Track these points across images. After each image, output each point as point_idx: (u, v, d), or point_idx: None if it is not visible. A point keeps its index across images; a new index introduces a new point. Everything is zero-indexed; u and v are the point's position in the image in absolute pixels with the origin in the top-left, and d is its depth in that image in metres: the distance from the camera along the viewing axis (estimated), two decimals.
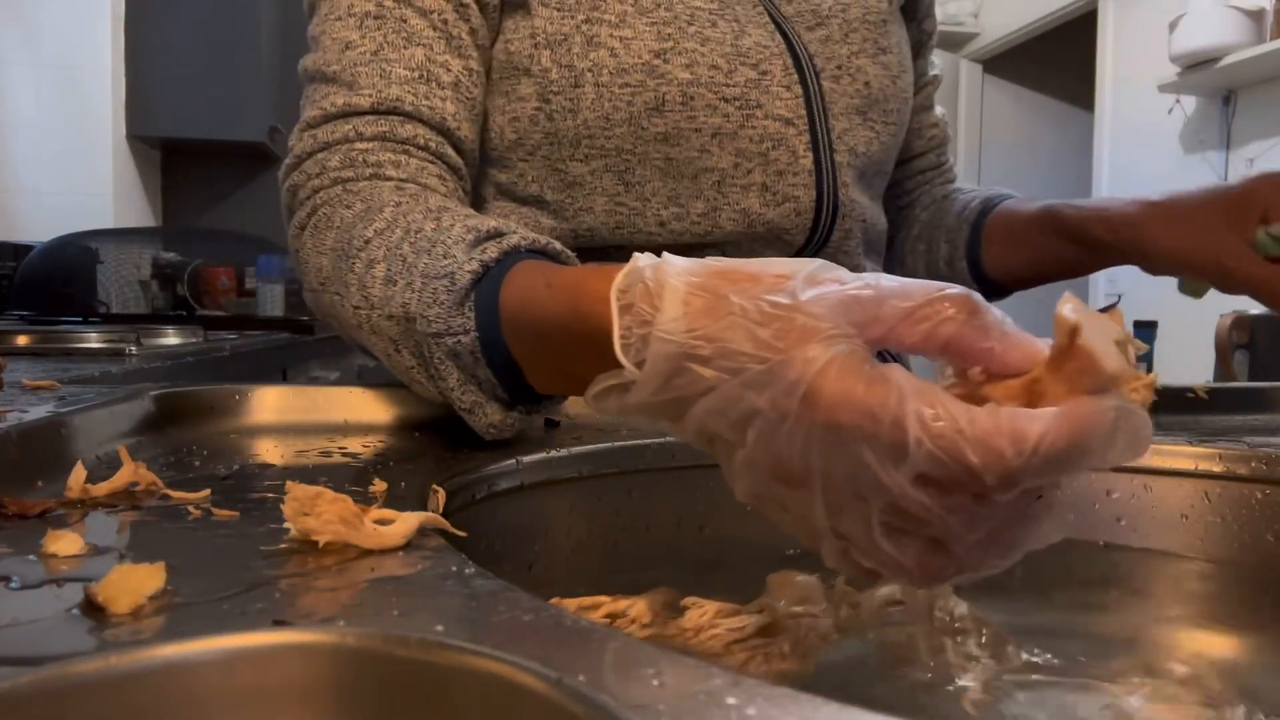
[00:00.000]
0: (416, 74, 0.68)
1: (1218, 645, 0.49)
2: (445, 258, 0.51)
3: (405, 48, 0.68)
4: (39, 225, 2.81)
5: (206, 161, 3.42)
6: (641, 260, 0.36)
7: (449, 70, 0.70)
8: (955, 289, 0.31)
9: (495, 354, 0.49)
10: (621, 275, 0.36)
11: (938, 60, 1.00)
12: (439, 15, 0.70)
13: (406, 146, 0.67)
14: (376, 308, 0.54)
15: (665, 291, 0.34)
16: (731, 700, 0.21)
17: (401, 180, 0.66)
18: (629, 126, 0.72)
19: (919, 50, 0.94)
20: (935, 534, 0.31)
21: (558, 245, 0.52)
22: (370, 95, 0.67)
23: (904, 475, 0.29)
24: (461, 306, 0.49)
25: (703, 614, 0.41)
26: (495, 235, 0.52)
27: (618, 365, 0.35)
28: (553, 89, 0.72)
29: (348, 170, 0.66)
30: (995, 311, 0.32)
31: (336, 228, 0.61)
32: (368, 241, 0.57)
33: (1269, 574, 0.54)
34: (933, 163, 0.99)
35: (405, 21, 0.69)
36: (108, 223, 3.00)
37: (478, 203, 0.79)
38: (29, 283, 2.25)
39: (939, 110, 1.00)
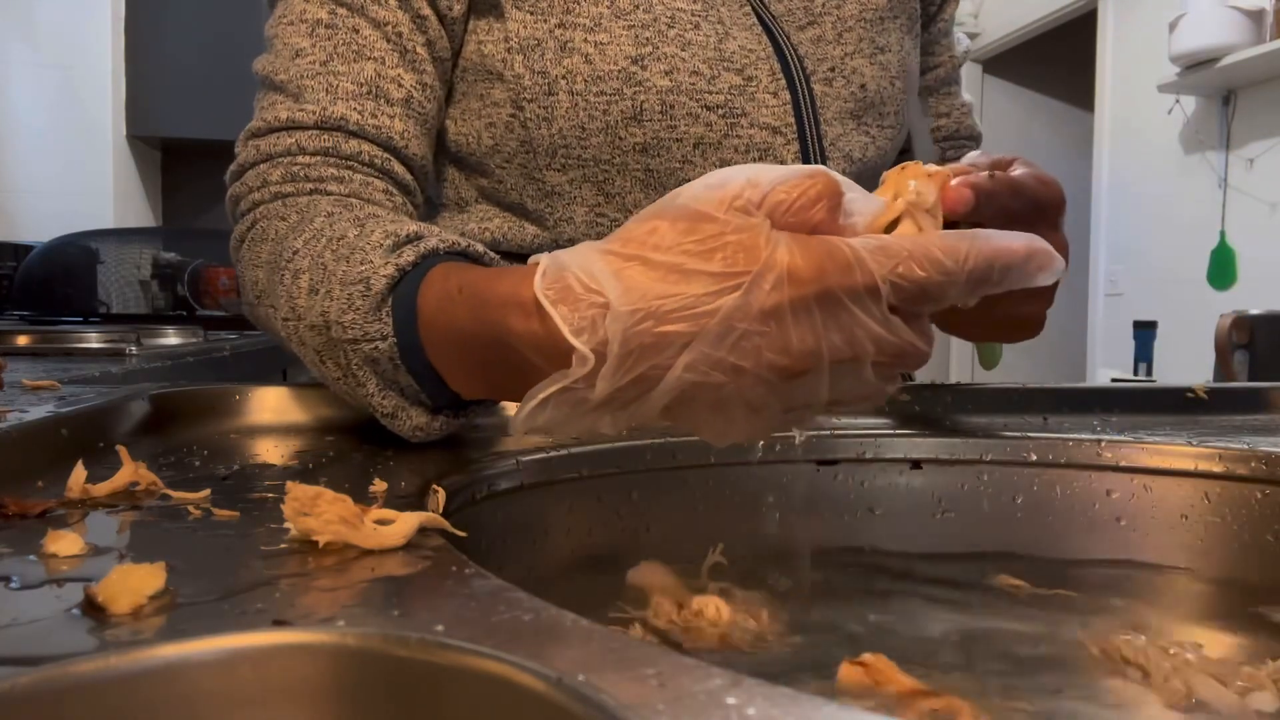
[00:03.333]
0: (365, 89, 0.66)
1: (1217, 646, 0.49)
2: (363, 264, 0.50)
3: (355, 61, 0.66)
4: (39, 225, 2.81)
5: (206, 161, 3.42)
6: (545, 258, 0.38)
7: (400, 85, 0.67)
8: (818, 173, 0.36)
9: (414, 359, 0.48)
10: (540, 274, 0.38)
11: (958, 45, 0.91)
12: (394, 27, 0.67)
13: (350, 163, 0.66)
14: (302, 319, 0.53)
15: (597, 274, 0.36)
16: (731, 700, 0.21)
17: (343, 195, 0.64)
18: (606, 136, 0.69)
19: (936, 37, 0.88)
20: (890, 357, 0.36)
21: (480, 247, 0.52)
22: (315, 111, 0.65)
23: (882, 310, 0.35)
24: (378, 312, 0.49)
25: (721, 610, 0.42)
26: (413, 239, 0.51)
27: (535, 372, 0.37)
28: (526, 96, 0.69)
29: (289, 185, 0.65)
30: (851, 189, 0.38)
31: (270, 240, 0.60)
32: (295, 252, 0.55)
33: (1269, 574, 0.54)
34: (934, 156, 0.91)
35: (358, 32, 0.67)
36: (108, 223, 3.00)
37: (461, 206, 0.77)
38: (29, 283, 2.25)
39: (956, 100, 0.92)
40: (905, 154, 0.91)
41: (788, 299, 0.34)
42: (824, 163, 0.74)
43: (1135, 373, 2.99)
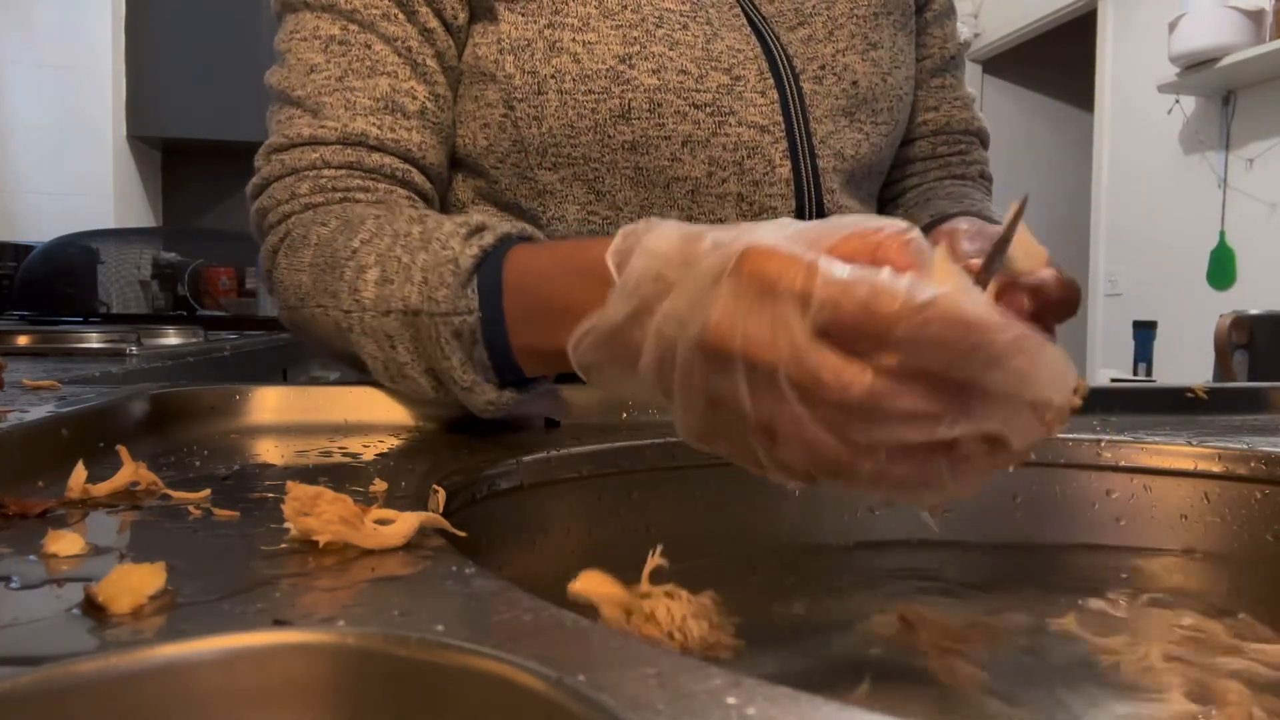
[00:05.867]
0: (381, 104, 0.68)
1: (1217, 646, 0.49)
2: (444, 249, 0.54)
3: (370, 76, 0.68)
4: (39, 225, 2.81)
5: (206, 161, 3.43)
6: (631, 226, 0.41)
7: (415, 98, 0.69)
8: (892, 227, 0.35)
9: (493, 332, 0.53)
10: (620, 235, 0.40)
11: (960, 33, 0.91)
12: (403, 42, 0.69)
13: (374, 175, 0.68)
14: (369, 309, 0.57)
15: (656, 227, 0.38)
16: (731, 700, 0.21)
17: (372, 203, 0.67)
18: (595, 135, 0.70)
19: (923, 26, 0.87)
20: (833, 409, 0.33)
21: (542, 235, 0.57)
22: (336, 128, 0.67)
23: (808, 323, 0.32)
24: (465, 288, 0.53)
25: (673, 610, 0.41)
26: (485, 226, 0.56)
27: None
28: (516, 96, 0.70)
29: (318, 196, 0.67)
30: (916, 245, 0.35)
31: (313, 245, 0.62)
32: (355, 251, 0.59)
33: (1269, 574, 0.54)
34: (925, 152, 0.90)
35: (370, 48, 0.68)
36: (108, 223, 3.00)
37: (459, 207, 0.78)
38: (29, 283, 2.25)
39: (949, 93, 0.90)
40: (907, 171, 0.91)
41: (728, 271, 0.34)
42: (813, 160, 0.75)
43: (1135, 373, 2.99)
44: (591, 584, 0.40)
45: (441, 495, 0.41)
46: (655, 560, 0.43)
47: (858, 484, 0.34)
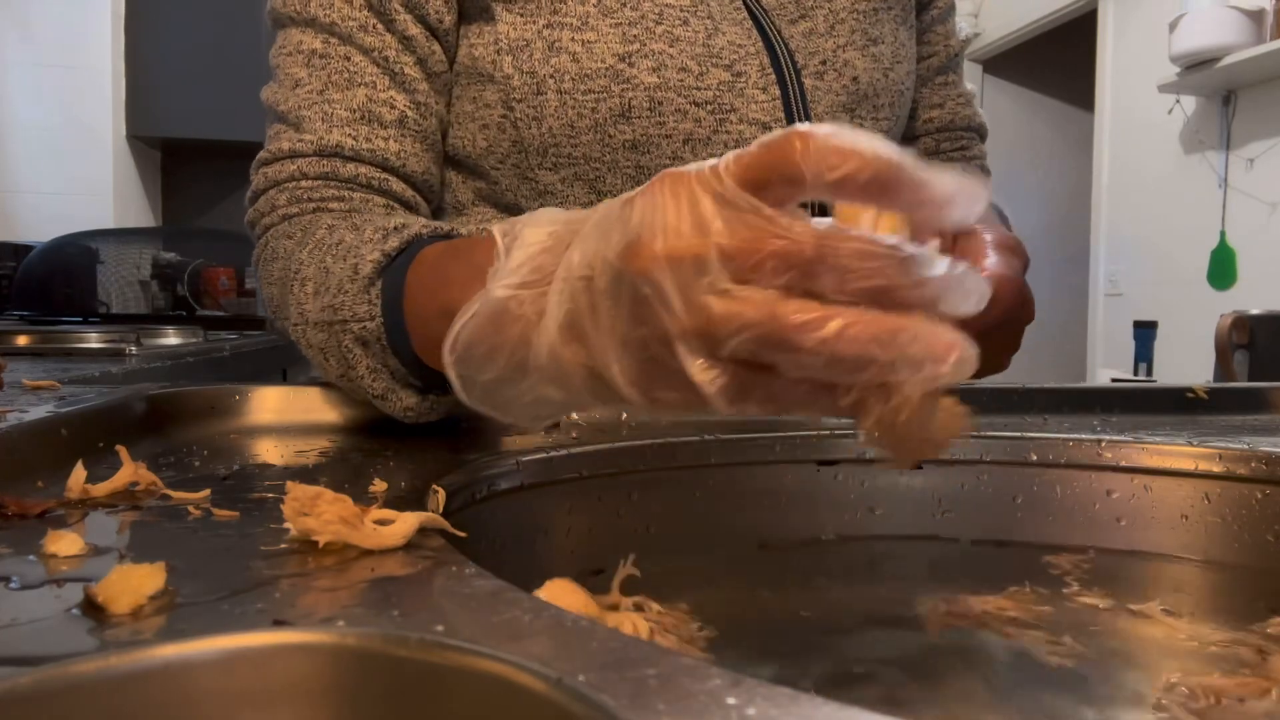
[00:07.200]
0: (358, 115, 0.69)
1: (1219, 648, 0.49)
2: (354, 257, 0.55)
3: (348, 88, 0.69)
4: (39, 225, 2.81)
5: (206, 161, 3.42)
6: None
7: (393, 107, 0.70)
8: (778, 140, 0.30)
9: (400, 339, 0.52)
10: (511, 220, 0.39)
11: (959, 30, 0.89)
12: (380, 52, 0.69)
13: (349, 184, 0.69)
14: (309, 321, 0.57)
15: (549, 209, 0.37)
16: (731, 700, 0.21)
17: (344, 210, 0.67)
18: (595, 134, 0.70)
19: (929, 25, 0.87)
20: (778, 263, 0.29)
21: (463, 231, 0.56)
22: (313, 140, 0.68)
23: (729, 183, 0.29)
24: (366, 293, 0.53)
25: (638, 625, 0.41)
26: (400, 228, 0.55)
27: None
28: (515, 96, 0.70)
29: (294, 207, 0.68)
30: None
31: (280, 258, 0.63)
32: (301, 263, 0.60)
33: (1269, 574, 0.54)
34: (929, 148, 0.90)
35: (349, 60, 0.69)
36: (108, 223, 3.00)
37: (459, 209, 0.78)
38: (29, 283, 2.25)
39: (952, 90, 0.90)
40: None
41: (639, 193, 0.31)
42: None
43: (1135, 373, 2.99)
44: (556, 593, 0.38)
45: (441, 495, 0.41)
46: (626, 570, 0.42)
47: (808, 369, 0.29)
